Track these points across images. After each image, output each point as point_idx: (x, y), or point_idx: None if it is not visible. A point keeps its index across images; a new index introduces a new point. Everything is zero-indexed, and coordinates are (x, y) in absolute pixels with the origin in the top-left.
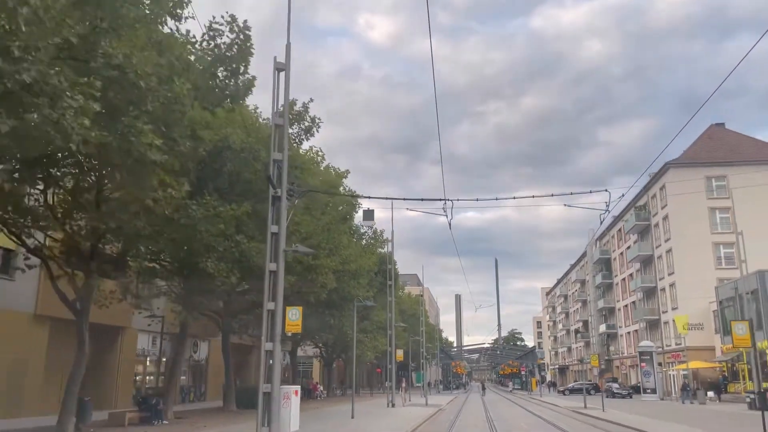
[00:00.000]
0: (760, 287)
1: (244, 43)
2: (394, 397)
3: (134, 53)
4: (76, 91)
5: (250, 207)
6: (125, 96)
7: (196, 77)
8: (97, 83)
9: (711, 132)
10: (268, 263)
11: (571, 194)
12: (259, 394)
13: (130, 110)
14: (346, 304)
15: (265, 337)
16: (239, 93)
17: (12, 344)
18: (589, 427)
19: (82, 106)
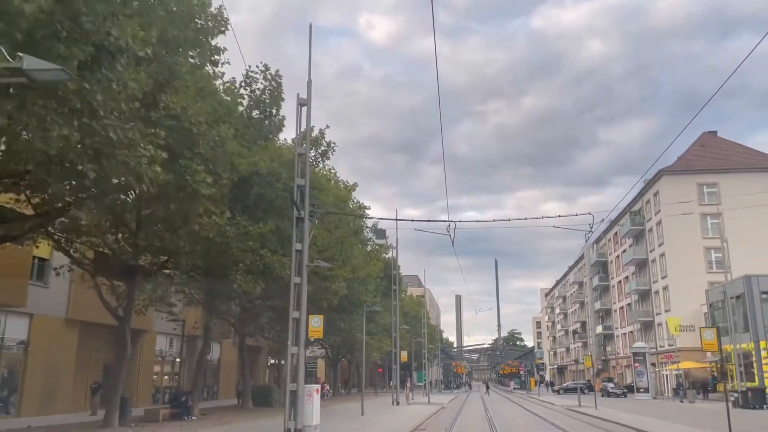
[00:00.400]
0: (746, 291)
1: (276, 90)
2: (399, 395)
3: (189, 105)
4: (146, 142)
5: (274, 225)
6: (181, 141)
7: (236, 120)
8: (161, 133)
9: (703, 140)
10: (294, 277)
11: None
12: (287, 391)
13: (185, 153)
14: (355, 309)
15: (291, 341)
16: (272, 131)
17: (46, 347)
18: (579, 423)
19: (153, 155)
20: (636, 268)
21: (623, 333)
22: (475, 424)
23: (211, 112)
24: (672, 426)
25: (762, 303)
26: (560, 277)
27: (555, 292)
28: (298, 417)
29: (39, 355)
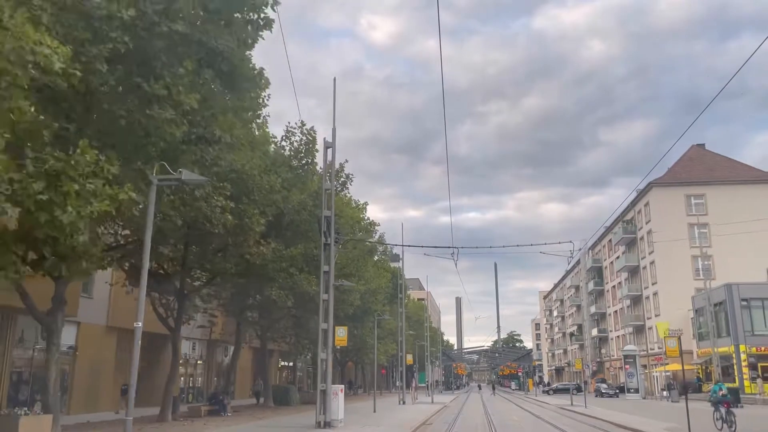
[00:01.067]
0: (727, 298)
1: (311, 143)
2: (404, 395)
3: (247, 160)
4: (217, 194)
5: (302, 248)
6: (241, 189)
7: (280, 169)
8: (228, 186)
9: (692, 153)
10: (322, 294)
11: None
12: (318, 390)
13: (243, 199)
14: (366, 317)
15: (320, 348)
16: (307, 176)
17: (90, 351)
18: (565, 419)
19: (223, 205)
20: (628, 275)
21: (617, 336)
22: (475, 420)
23: (261, 164)
24: (643, 420)
25: (742, 309)
26: (558, 281)
27: (553, 295)
28: (327, 412)
29: (85, 359)
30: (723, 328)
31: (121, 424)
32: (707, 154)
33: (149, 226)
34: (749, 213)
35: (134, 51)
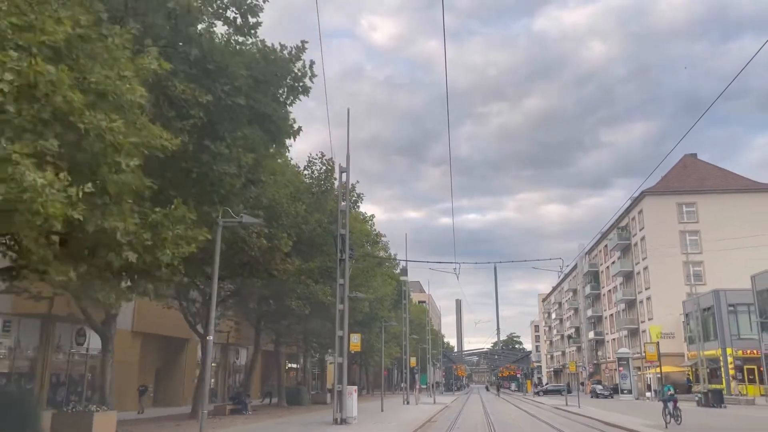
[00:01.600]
0: (714, 304)
1: (330, 172)
2: (408, 396)
3: (277, 191)
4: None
5: (319, 261)
6: (271, 216)
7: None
8: (262, 214)
9: (684, 162)
10: (338, 305)
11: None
12: (335, 390)
13: (273, 224)
14: (373, 323)
15: (336, 353)
16: (327, 201)
17: (118, 354)
18: (556, 416)
19: (259, 231)
20: (623, 279)
21: (613, 338)
22: (475, 419)
23: (288, 193)
24: (625, 418)
25: (728, 314)
26: (556, 284)
27: (551, 298)
28: (343, 410)
29: (118, 362)
30: (711, 332)
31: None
32: (699, 163)
33: (216, 261)
34: (739, 221)
35: (205, 121)
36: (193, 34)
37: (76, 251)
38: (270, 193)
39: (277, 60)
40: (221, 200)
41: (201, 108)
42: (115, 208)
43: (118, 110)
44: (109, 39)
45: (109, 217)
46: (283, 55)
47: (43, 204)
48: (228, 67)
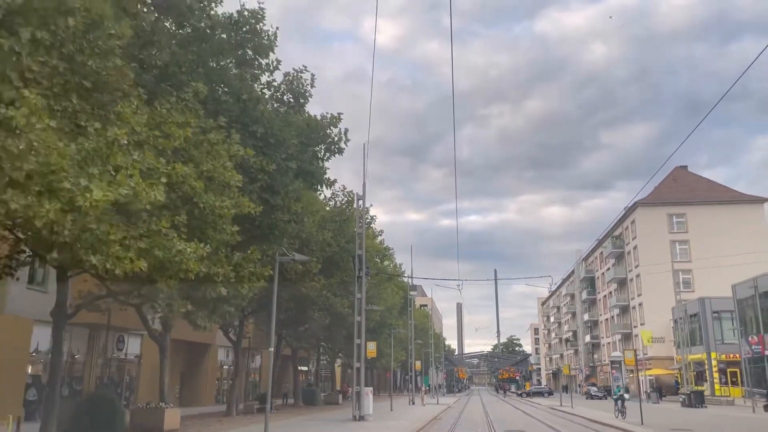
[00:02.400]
0: (700, 311)
1: (350, 202)
2: (414, 396)
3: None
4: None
5: (338, 277)
6: (303, 242)
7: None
8: (295, 244)
9: (675, 174)
10: (356, 317)
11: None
12: (353, 391)
13: (305, 250)
14: (382, 330)
15: (355, 359)
16: (348, 227)
17: (151, 359)
18: (547, 414)
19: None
20: (617, 286)
21: (608, 342)
22: (475, 416)
23: (316, 222)
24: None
25: (713, 321)
26: (555, 288)
27: (550, 302)
28: (361, 408)
29: (147, 365)
30: (697, 338)
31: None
32: (689, 175)
33: (275, 291)
34: (726, 231)
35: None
36: (259, 116)
37: (187, 290)
38: (306, 228)
39: (319, 127)
40: (275, 240)
41: (265, 173)
42: (215, 257)
43: (223, 190)
44: (210, 134)
45: (212, 265)
46: (323, 123)
47: (186, 262)
48: (285, 140)
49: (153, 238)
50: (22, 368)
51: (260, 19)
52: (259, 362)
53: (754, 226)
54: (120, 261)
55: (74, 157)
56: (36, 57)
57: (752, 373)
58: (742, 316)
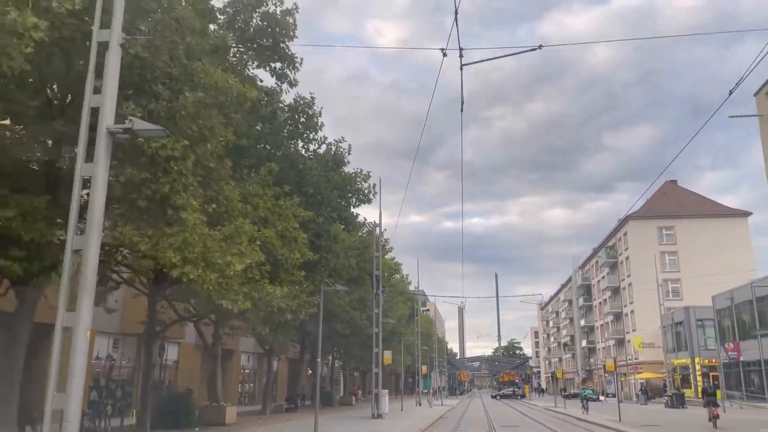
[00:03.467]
0: (685, 319)
1: (371, 232)
2: (421, 398)
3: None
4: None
5: (357, 294)
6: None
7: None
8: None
9: (665, 189)
10: (374, 328)
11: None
12: (373, 392)
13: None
14: (393, 338)
15: (374, 366)
16: (369, 252)
17: (186, 365)
18: (539, 414)
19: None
20: (611, 293)
21: (603, 347)
22: (477, 415)
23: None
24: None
25: (697, 328)
26: (554, 293)
27: (549, 307)
28: (379, 407)
29: (184, 370)
30: (683, 344)
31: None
32: (678, 189)
33: (320, 315)
34: (712, 243)
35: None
36: (310, 179)
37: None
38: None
39: (353, 182)
40: (320, 274)
41: (315, 223)
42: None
43: (291, 243)
44: (280, 200)
45: (286, 300)
46: (356, 179)
47: (273, 300)
48: (329, 198)
49: (252, 284)
50: (88, 373)
51: (312, 104)
52: (276, 366)
53: (738, 239)
54: (235, 303)
55: (219, 241)
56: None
57: (728, 377)
58: (720, 325)
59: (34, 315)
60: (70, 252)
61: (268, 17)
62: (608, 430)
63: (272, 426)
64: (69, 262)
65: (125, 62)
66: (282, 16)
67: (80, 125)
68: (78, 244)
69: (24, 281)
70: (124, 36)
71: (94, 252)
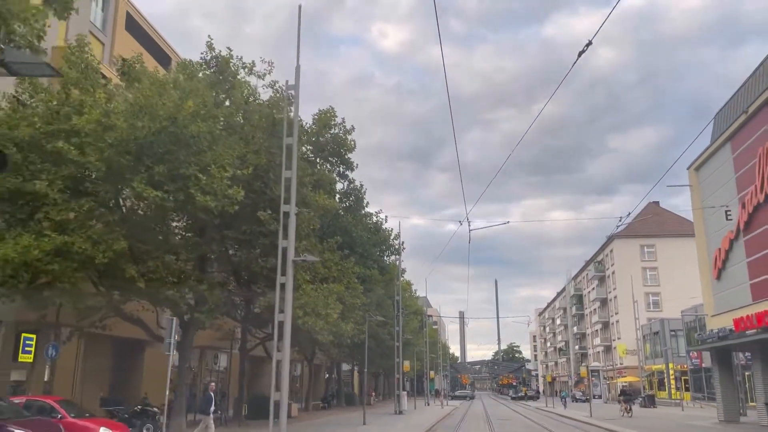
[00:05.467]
0: (661, 330)
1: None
2: (429, 399)
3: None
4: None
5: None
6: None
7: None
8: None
9: (647, 210)
10: (396, 342)
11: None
12: (395, 394)
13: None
14: (406, 348)
15: (396, 372)
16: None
17: (234, 371)
18: (532, 412)
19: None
20: (600, 304)
21: (593, 352)
22: (478, 413)
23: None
24: (558, 409)
25: (670, 338)
26: (551, 300)
27: (545, 314)
28: (400, 405)
29: (233, 374)
30: (659, 351)
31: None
32: (660, 210)
33: (366, 340)
34: (690, 260)
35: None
36: (359, 241)
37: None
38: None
39: (387, 240)
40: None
41: (364, 273)
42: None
43: (354, 291)
44: (345, 262)
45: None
46: (387, 235)
47: (346, 334)
48: (372, 254)
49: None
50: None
51: (361, 190)
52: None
53: None
54: (326, 337)
55: (324, 300)
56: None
57: (694, 381)
58: (688, 335)
59: (193, 342)
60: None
61: (337, 137)
62: (573, 421)
63: (326, 418)
64: (277, 324)
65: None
66: (344, 134)
67: (278, 257)
68: (279, 317)
69: (188, 322)
70: (296, 209)
71: (288, 319)
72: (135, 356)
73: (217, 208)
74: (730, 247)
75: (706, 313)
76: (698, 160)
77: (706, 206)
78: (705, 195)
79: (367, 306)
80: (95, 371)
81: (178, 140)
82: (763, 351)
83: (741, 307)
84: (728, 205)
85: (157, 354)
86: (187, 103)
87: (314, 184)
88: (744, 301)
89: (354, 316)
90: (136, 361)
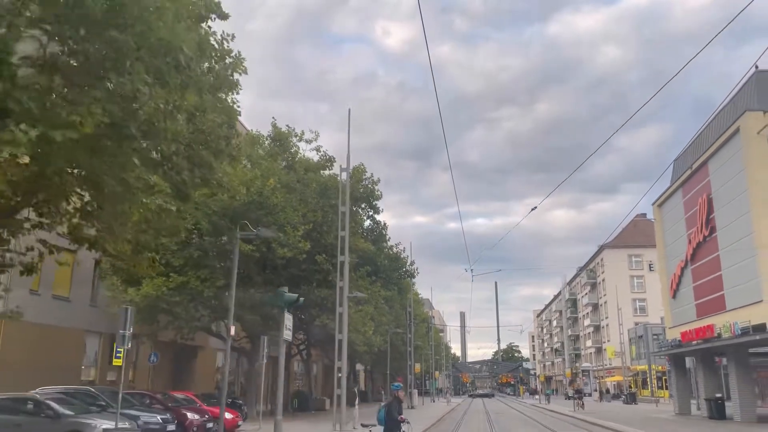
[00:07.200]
0: (644, 334)
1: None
2: (434, 397)
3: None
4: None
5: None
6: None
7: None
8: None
9: (636, 221)
10: (408, 347)
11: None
12: (407, 392)
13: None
14: (415, 351)
15: (408, 373)
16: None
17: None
18: (526, 408)
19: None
20: (592, 308)
21: (586, 353)
22: (478, 409)
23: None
24: (551, 405)
25: (652, 341)
26: (548, 303)
27: (543, 315)
28: (412, 401)
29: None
30: (642, 353)
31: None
32: (648, 222)
33: (389, 349)
34: None
35: None
36: (383, 267)
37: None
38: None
39: (405, 265)
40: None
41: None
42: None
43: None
44: (372, 286)
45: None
46: (404, 262)
47: (376, 346)
48: (393, 278)
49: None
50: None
51: (384, 228)
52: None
53: None
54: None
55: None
56: None
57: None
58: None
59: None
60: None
61: (367, 188)
62: (553, 413)
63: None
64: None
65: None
66: (372, 185)
67: (336, 294)
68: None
69: (256, 334)
70: (350, 257)
71: (345, 338)
72: (189, 359)
73: (289, 255)
74: (682, 273)
75: (665, 325)
76: (660, 198)
77: (666, 237)
78: (665, 227)
79: (389, 321)
80: (162, 371)
81: (262, 207)
82: (704, 358)
83: (688, 322)
84: (679, 239)
85: (206, 357)
86: (270, 180)
87: (353, 231)
88: (691, 318)
89: (381, 330)
90: (190, 363)
